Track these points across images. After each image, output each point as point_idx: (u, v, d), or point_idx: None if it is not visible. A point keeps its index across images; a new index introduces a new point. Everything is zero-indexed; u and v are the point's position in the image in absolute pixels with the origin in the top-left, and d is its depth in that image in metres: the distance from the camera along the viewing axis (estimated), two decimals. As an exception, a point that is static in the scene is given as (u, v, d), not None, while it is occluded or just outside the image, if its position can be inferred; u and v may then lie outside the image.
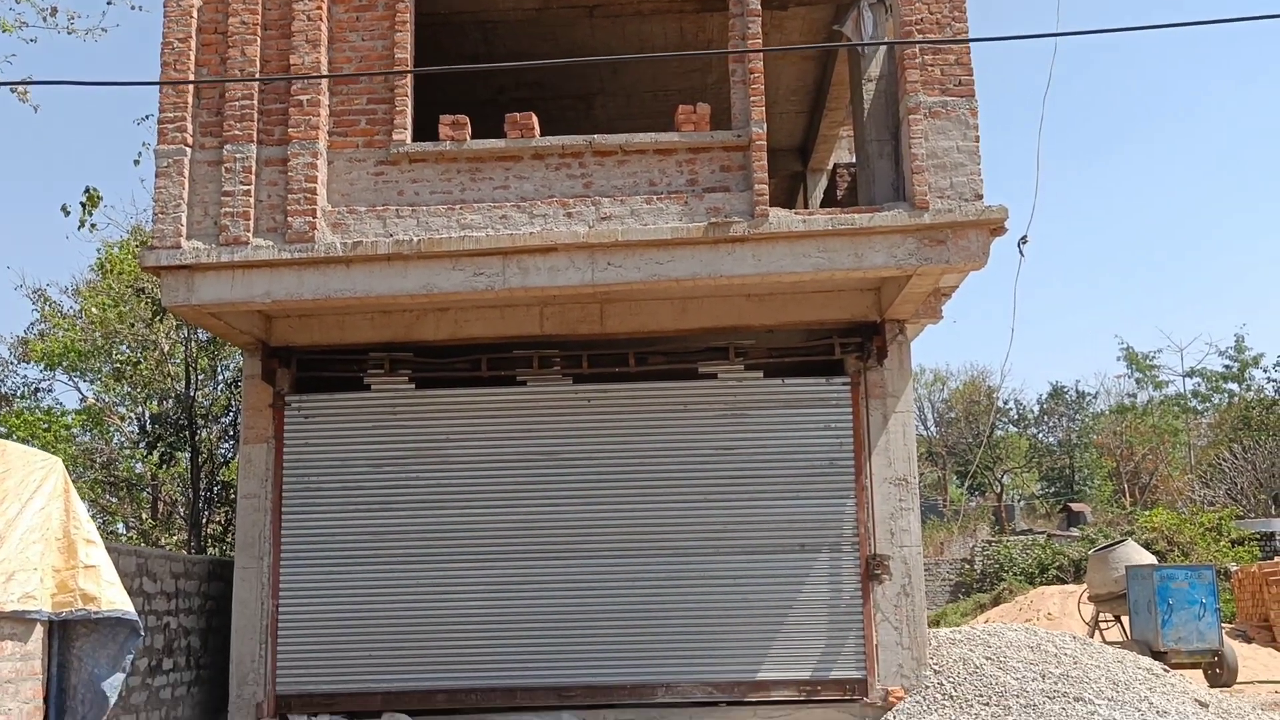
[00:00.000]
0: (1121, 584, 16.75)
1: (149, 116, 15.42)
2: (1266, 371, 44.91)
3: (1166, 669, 11.73)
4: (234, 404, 17.74)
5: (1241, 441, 36.77)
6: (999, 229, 9.71)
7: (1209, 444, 43.01)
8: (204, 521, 17.73)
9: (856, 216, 9.71)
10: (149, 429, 18.78)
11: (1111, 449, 45.88)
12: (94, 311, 18.22)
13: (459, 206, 9.97)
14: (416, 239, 9.75)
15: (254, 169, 9.97)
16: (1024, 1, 73.54)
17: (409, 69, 9.99)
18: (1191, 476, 39.98)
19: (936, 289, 10.73)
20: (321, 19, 10.12)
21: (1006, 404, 51.88)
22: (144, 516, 18.99)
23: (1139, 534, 25.35)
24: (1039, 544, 30.17)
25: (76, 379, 20.00)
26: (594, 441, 10.98)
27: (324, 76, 9.92)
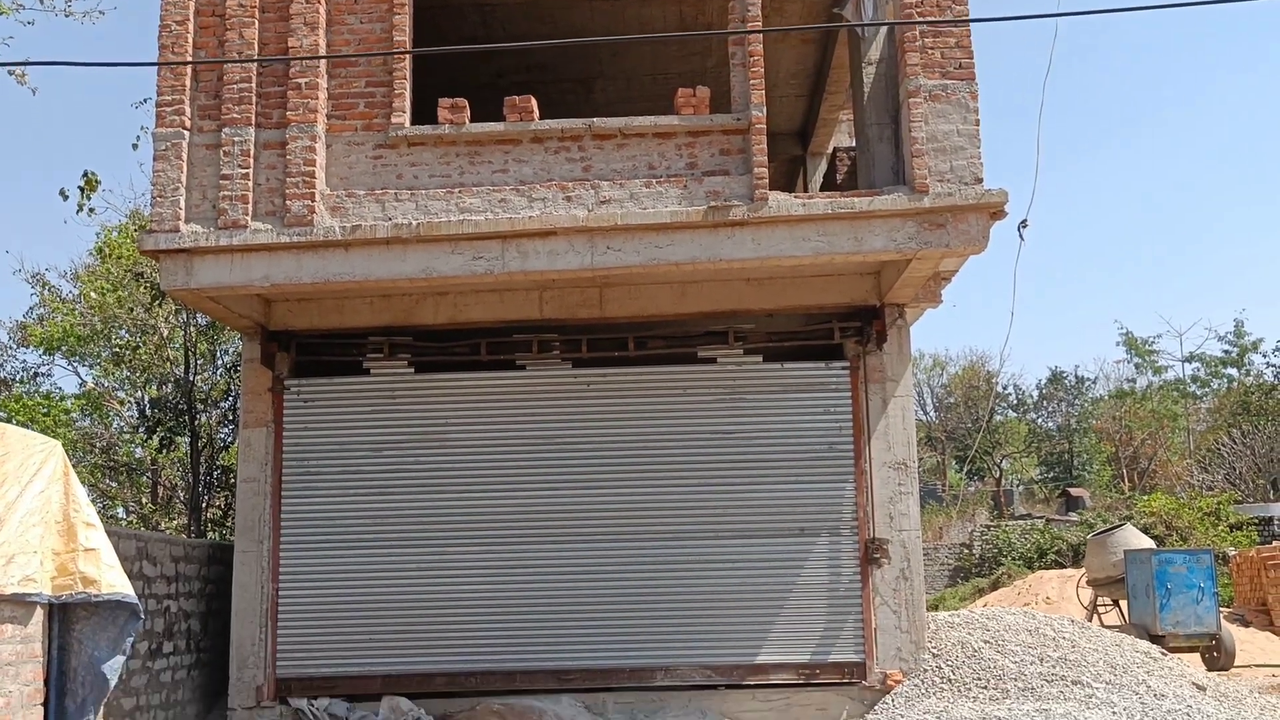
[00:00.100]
0: (1120, 568, 16.78)
1: (147, 100, 15.42)
2: (1266, 356, 44.78)
3: (1164, 653, 11.75)
4: (233, 388, 17.75)
5: (1240, 426, 36.79)
6: (999, 213, 9.69)
7: (1208, 429, 43.04)
8: (204, 506, 17.76)
9: (856, 200, 9.69)
10: (148, 414, 18.79)
11: (1110, 434, 45.89)
12: (93, 296, 18.19)
13: (458, 190, 9.95)
14: (415, 223, 9.74)
15: (252, 152, 9.94)
16: (1025, -15, 73.18)
17: (408, 49, 9.95)
18: (1190, 461, 40.00)
19: (936, 273, 10.72)
20: (320, 1, 10.07)
21: (1006, 389, 51.91)
22: (144, 501, 19.01)
23: (1137, 518, 25.40)
24: (1038, 529, 30.21)
25: (76, 364, 20.01)
26: (593, 425, 10.99)
27: (322, 57, 9.88)
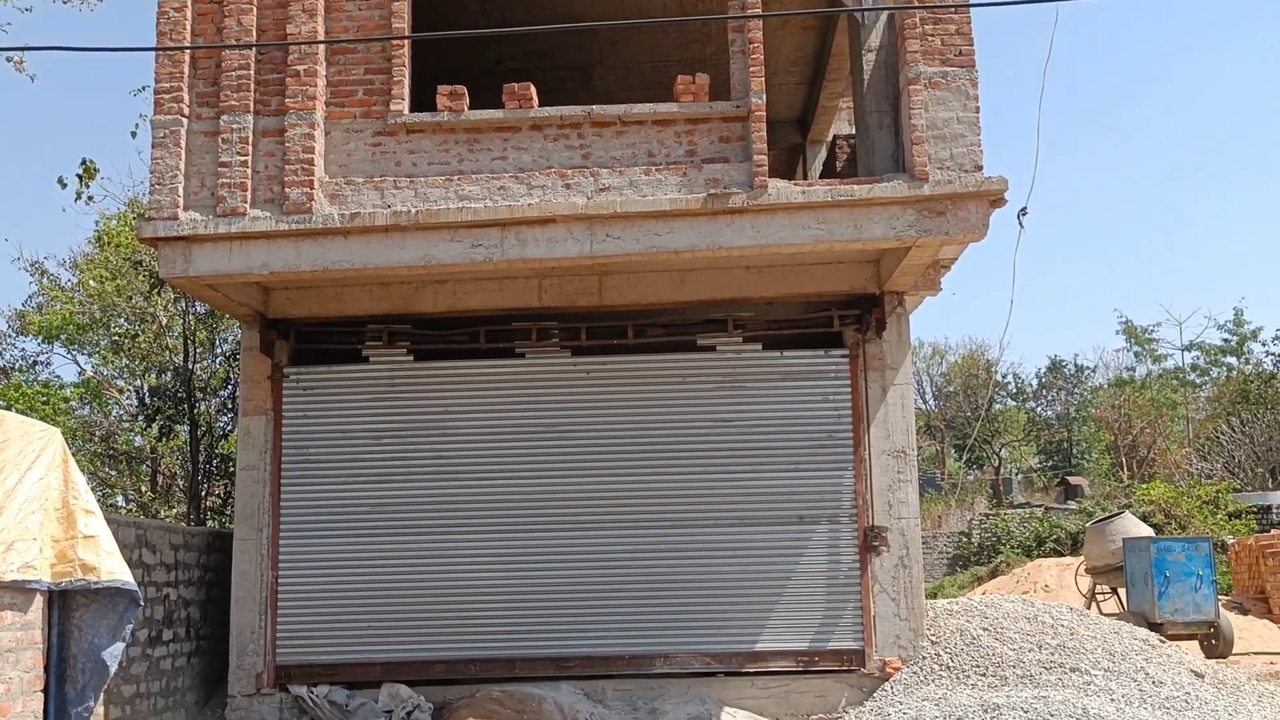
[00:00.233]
0: (1119, 556, 16.80)
1: (145, 88, 15.41)
2: (1265, 345, 44.83)
3: (1162, 640, 11.79)
4: (232, 376, 17.76)
5: (1239, 415, 36.85)
6: (999, 200, 9.67)
7: (1207, 417, 43.07)
8: (203, 494, 17.79)
9: (856, 188, 9.67)
10: (148, 402, 18.81)
11: (1109, 422, 45.92)
12: (92, 284, 18.20)
13: (457, 177, 9.93)
14: (414, 210, 9.72)
15: (251, 140, 9.91)
16: (1025, -27, 72.84)
17: (406, 35, 9.92)
18: (1189, 450, 40.03)
19: (935, 261, 10.71)
20: (318, -12, 10.03)
21: (1005, 377, 51.99)
22: (143, 489, 19.02)
23: (1136, 507, 25.43)
24: (1036, 517, 30.29)
25: (75, 352, 20.01)
26: (592, 413, 10.99)
27: (321, 43, 9.85)
